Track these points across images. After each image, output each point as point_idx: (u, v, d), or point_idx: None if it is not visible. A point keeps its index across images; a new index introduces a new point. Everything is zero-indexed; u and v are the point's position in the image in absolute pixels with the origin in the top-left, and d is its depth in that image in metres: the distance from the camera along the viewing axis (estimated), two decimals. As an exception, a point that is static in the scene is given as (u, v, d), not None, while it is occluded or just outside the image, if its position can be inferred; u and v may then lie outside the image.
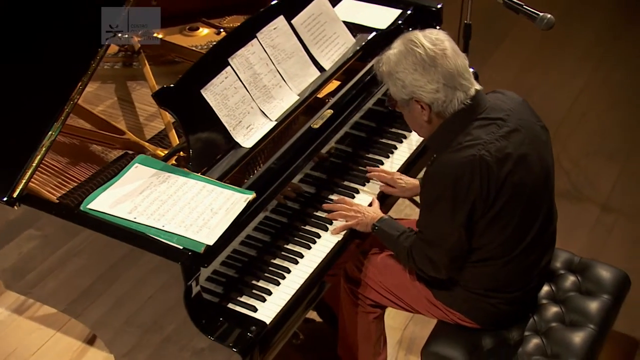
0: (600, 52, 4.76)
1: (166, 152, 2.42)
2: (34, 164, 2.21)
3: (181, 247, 2.07)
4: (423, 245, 2.29)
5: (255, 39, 2.51)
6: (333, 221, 2.47)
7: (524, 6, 2.62)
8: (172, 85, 2.31)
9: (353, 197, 2.57)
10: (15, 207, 2.20)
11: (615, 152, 3.94)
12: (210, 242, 2.09)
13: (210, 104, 2.35)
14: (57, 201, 2.31)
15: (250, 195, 2.21)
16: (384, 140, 2.78)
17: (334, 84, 2.72)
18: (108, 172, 2.42)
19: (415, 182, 2.65)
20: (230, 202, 2.19)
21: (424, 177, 2.31)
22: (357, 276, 2.56)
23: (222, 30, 3.02)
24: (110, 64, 2.90)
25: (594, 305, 2.49)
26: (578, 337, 2.39)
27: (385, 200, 2.63)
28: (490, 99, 2.24)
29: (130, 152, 2.50)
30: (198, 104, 2.34)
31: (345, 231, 2.45)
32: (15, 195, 2.19)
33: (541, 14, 2.65)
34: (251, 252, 2.32)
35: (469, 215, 2.16)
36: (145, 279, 2.13)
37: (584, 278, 2.58)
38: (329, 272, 2.41)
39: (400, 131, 2.80)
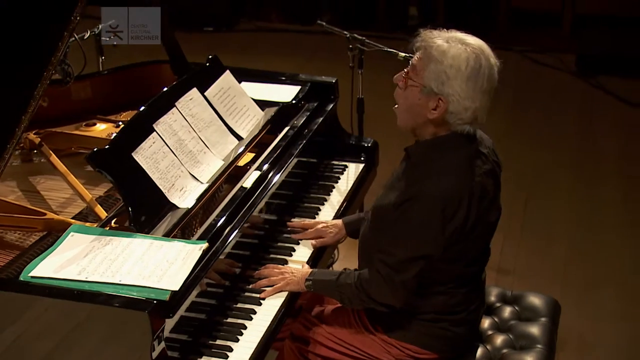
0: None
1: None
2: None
3: (144, 298, 1.93)
4: (388, 271, 2.22)
5: (175, 107, 2.51)
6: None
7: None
8: (105, 148, 2.24)
9: (291, 255, 2.54)
10: None
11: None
12: (176, 288, 1.97)
13: (143, 167, 2.29)
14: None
15: (204, 245, 2.13)
16: (305, 204, 2.79)
17: (249, 156, 2.74)
18: (32, 253, 2.23)
19: (337, 222, 2.64)
20: (184, 252, 2.10)
21: (400, 196, 2.19)
22: (305, 334, 2.47)
23: (120, 123, 2.97)
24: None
25: (535, 329, 2.57)
26: (532, 359, 2.45)
27: (322, 257, 2.60)
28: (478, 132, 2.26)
29: (55, 233, 2.33)
30: (132, 166, 2.27)
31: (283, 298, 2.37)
32: None
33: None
34: (189, 329, 2.16)
35: (448, 241, 2.15)
36: (108, 341, 1.94)
37: (520, 307, 2.68)
38: (277, 335, 2.32)
39: (320, 195, 2.84)
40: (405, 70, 2.21)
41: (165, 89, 2.60)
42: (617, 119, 5.44)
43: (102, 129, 2.96)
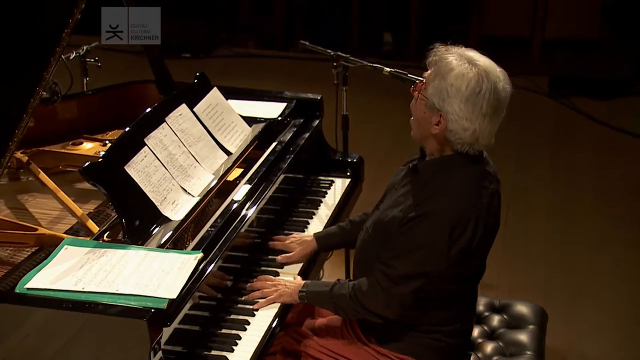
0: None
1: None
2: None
3: (142, 307, 1.93)
4: (387, 283, 2.21)
5: (165, 123, 2.53)
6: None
7: (408, 75, 2.86)
8: (98, 161, 2.25)
9: (282, 267, 2.55)
10: None
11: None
12: (173, 296, 1.98)
13: (136, 180, 2.30)
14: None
15: (199, 254, 2.14)
16: (294, 218, 2.82)
17: (238, 171, 2.76)
18: (25, 267, 2.22)
19: (306, 237, 2.65)
20: (180, 262, 2.11)
21: (406, 213, 2.19)
22: (296, 348, 2.47)
23: (107, 142, 2.98)
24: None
25: (524, 336, 2.62)
26: (522, 365, 2.49)
27: (312, 269, 2.62)
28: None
29: (46, 248, 2.33)
30: (125, 179, 2.28)
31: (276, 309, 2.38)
32: None
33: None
34: (184, 340, 2.15)
35: (452, 261, 2.16)
36: (106, 351, 1.94)
37: (508, 315, 2.72)
38: (269, 350, 2.33)
39: (308, 209, 2.87)
40: (418, 82, 2.24)
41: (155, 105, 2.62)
42: (590, 138, 5.56)
43: (89, 148, 2.97)
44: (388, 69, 2.95)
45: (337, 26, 7.20)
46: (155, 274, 2.05)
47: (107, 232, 2.31)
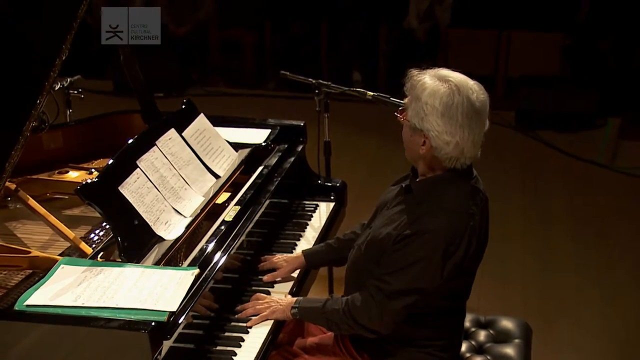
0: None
1: (83, 260, 2.31)
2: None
3: (143, 320, 1.95)
4: (381, 297, 2.24)
5: (156, 146, 2.57)
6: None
7: (390, 98, 2.94)
8: (94, 180, 2.28)
9: (272, 287, 2.58)
10: None
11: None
12: (173, 309, 2.01)
13: (130, 201, 2.34)
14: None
15: (195, 270, 2.18)
16: (282, 241, 2.86)
17: (225, 195, 2.80)
18: (21, 289, 2.23)
19: (293, 255, 2.69)
20: (177, 278, 2.14)
21: (400, 231, 2.23)
22: (289, 367, 2.50)
23: (93, 170, 3.00)
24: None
25: (510, 350, 2.67)
26: (510, 377, 2.54)
27: (302, 288, 2.66)
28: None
29: (39, 271, 2.33)
30: (119, 199, 2.32)
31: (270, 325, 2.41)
32: None
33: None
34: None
35: (445, 278, 2.21)
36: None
37: (494, 330, 2.77)
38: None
39: (295, 232, 2.92)
40: (401, 108, 2.31)
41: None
42: (558, 168, 5.72)
43: (75, 177, 2.99)
44: (371, 93, 3.04)
45: (306, 65, 7.32)
46: (154, 289, 2.07)
47: (102, 253, 2.33)
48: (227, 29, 7.87)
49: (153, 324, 1.94)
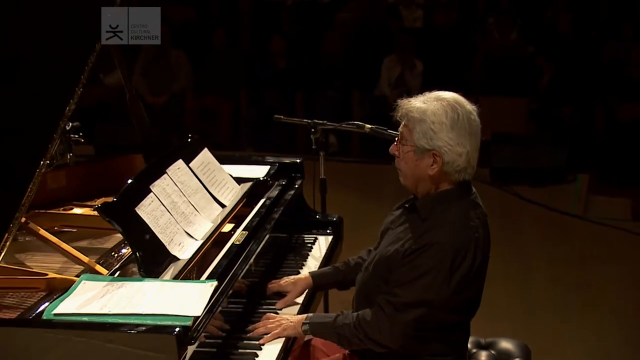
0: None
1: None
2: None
3: (169, 324, 2.01)
4: (391, 310, 2.30)
5: (166, 174, 2.66)
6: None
7: (388, 130, 3.06)
8: (114, 200, 2.37)
9: (281, 309, 2.65)
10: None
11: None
12: (198, 313, 2.07)
13: (146, 221, 2.41)
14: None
15: (214, 282, 2.25)
16: (286, 269, 2.94)
17: (229, 226, 2.88)
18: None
19: (300, 276, 2.75)
20: (197, 289, 2.21)
21: (409, 246, 2.31)
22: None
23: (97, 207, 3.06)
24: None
25: (512, 368, 2.75)
26: (514, 394, 2.62)
27: (309, 309, 2.72)
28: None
29: (57, 292, 2.37)
30: (136, 219, 2.40)
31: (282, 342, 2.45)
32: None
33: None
34: None
35: (453, 291, 2.28)
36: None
37: (495, 351, 2.85)
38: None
39: (298, 261, 3.00)
40: (396, 139, 2.42)
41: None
42: (534, 219, 5.95)
43: (81, 212, 3.05)
44: (368, 126, 3.17)
45: (282, 129, 7.48)
46: (176, 298, 2.14)
47: (118, 272, 2.38)
48: (204, 97, 8.05)
49: (179, 328, 2.00)
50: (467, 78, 7.68)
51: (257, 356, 2.36)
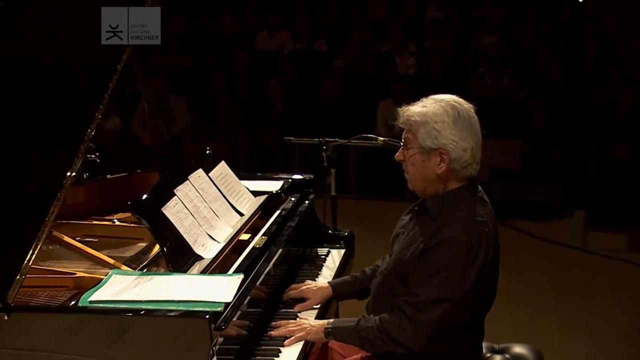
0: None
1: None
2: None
3: (201, 309, 2.07)
4: (412, 310, 2.34)
5: (188, 180, 2.74)
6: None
7: (400, 143, 3.13)
8: (143, 198, 2.47)
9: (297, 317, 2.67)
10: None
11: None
12: (229, 300, 2.13)
13: (172, 221, 2.49)
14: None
15: (240, 275, 2.31)
16: (301, 277, 2.99)
17: (246, 235, 2.95)
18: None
19: (320, 284, 2.80)
20: (225, 280, 2.27)
21: (424, 245, 2.37)
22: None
23: (115, 221, 3.13)
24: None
25: (526, 370, 2.79)
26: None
27: (325, 316, 2.77)
28: None
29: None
30: (163, 218, 2.49)
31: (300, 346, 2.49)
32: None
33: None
34: None
35: (473, 283, 2.33)
36: (168, 353, 2.05)
37: (510, 355, 2.89)
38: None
39: (312, 271, 3.07)
40: (401, 145, 2.49)
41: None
42: (535, 250, 6.05)
43: (101, 223, 3.11)
44: (381, 139, 3.27)
45: (280, 171, 7.56)
46: (206, 287, 2.21)
47: (145, 270, 2.44)
48: (202, 140, 8.15)
49: (211, 313, 2.06)
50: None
51: (277, 357, 2.40)
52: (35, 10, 2.72)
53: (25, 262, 2.18)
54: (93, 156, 3.58)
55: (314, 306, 2.74)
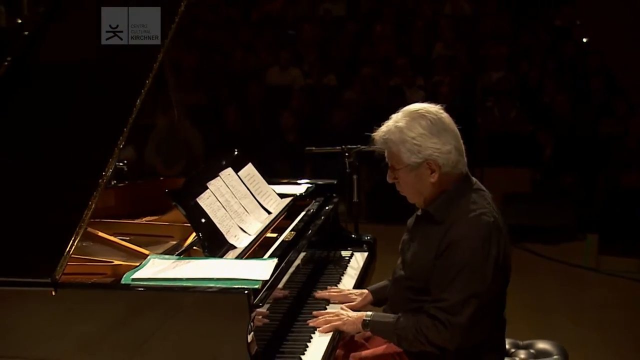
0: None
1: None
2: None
3: (240, 285, 2.13)
4: (445, 315, 2.35)
5: (219, 176, 2.82)
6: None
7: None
8: (180, 187, 2.58)
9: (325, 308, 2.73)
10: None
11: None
12: (266, 277, 2.20)
13: (206, 211, 2.56)
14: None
15: (275, 259, 2.37)
16: (326, 276, 3.06)
17: (272, 236, 3.00)
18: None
19: (362, 291, 2.83)
20: (261, 262, 2.33)
21: (437, 249, 2.40)
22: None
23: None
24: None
25: (552, 361, 2.83)
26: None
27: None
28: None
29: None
30: (199, 208, 2.57)
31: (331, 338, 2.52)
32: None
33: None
34: None
35: (493, 275, 2.36)
36: (209, 327, 2.11)
37: (534, 350, 2.94)
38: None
39: (337, 271, 3.13)
40: (388, 168, 2.54)
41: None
42: (549, 271, 6.13)
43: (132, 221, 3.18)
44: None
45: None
46: (243, 267, 2.27)
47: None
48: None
49: (249, 289, 2.12)
50: (471, 151, 7.90)
51: (309, 342, 2.45)
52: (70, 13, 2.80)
53: (71, 242, 2.24)
54: (121, 164, 3.68)
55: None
